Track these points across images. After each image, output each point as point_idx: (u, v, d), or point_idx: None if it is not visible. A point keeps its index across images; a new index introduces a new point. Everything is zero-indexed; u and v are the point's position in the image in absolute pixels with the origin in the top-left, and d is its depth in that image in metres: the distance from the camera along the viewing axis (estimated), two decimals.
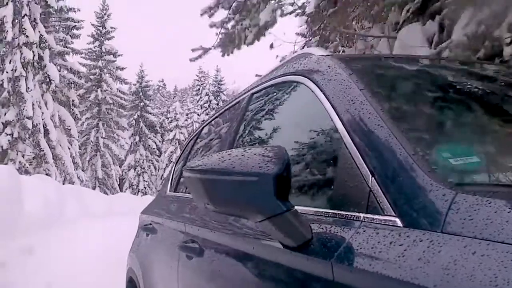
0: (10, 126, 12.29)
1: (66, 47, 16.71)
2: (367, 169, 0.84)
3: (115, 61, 24.93)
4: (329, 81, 1.09)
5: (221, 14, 4.03)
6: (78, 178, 16.95)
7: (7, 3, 12.93)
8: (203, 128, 2.31)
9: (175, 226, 1.87)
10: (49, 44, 14.00)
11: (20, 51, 13.28)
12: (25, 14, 13.29)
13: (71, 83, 15.98)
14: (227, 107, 1.94)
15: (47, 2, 13.67)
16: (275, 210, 0.81)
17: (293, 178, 0.86)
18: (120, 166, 25.95)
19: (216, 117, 2.10)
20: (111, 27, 25.48)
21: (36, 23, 13.71)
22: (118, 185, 25.20)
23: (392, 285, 0.66)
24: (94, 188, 20.80)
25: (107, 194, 18.76)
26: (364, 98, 0.97)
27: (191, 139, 2.42)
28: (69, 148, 15.95)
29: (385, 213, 0.76)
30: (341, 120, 0.97)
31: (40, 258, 3.91)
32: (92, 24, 24.07)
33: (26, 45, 13.18)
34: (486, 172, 0.87)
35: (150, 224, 2.34)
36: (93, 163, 22.95)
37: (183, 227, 1.73)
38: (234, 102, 1.83)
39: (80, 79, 16.86)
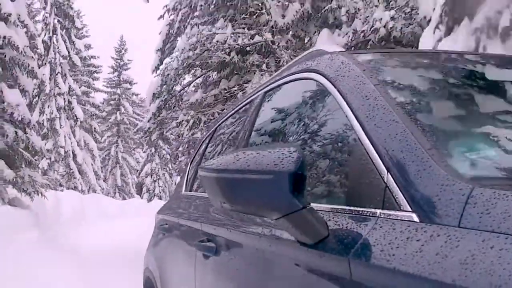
0: (48, 153, 16.56)
1: (89, 87, 22.28)
2: (383, 165, 0.83)
3: (131, 88, 29.34)
4: (342, 77, 1.08)
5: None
6: (100, 186, 21.45)
7: (45, 64, 17.24)
8: (217, 127, 2.28)
9: (191, 225, 1.86)
10: (75, 92, 18.94)
11: (55, 99, 18.07)
12: (58, 72, 18.06)
13: (93, 115, 21.20)
14: (240, 105, 1.92)
15: (74, 62, 18.90)
16: (291, 208, 0.80)
17: (308, 175, 0.86)
18: (139, 174, 29.25)
19: (230, 116, 2.08)
20: (128, 60, 29.59)
21: (66, 77, 18.56)
22: (138, 190, 28.41)
23: (410, 281, 0.65)
24: (114, 194, 25.74)
25: (125, 198, 24.05)
26: (378, 94, 0.96)
27: (205, 138, 2.40)
28: (92, 165, 20.60)
29: (402, 208, 0.76)
30: (355, 116, 0.96)
31: (71, 239, 7.71)
32: (112, 58, 28.70)
33: (59, 95, 18.08)
34: (503, 165, 0.86)
35: (166, 224, 2.33)
36: (113, 173, 26.99)
37: (199, 226, 1.72)
38: (247, 101, 1.81)
39: (100, 112, 22.77)
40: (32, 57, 8.51)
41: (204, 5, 6.91)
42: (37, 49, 9.81)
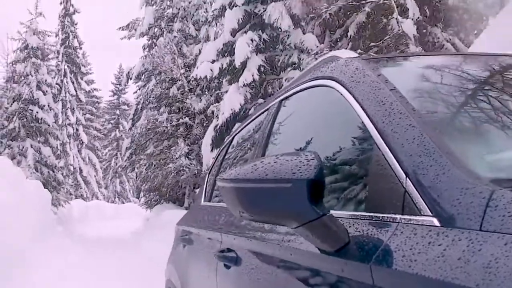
0: (61, 170, 19.43)
1: (92, 115, 26.71)
2: (401, 170, 0.82)
3: (128, 109, 32.70)
4: (357, 83, 1.07)
5: None
6: (101, 193, 26.66)
7: (58, 101, 21.16)
8: (234, 137, 2.28)
9: (211, 235, 1.85)
10: (81, 122, 23.78)
11: (66, 128, 22.53)
12: (68, 107, 22.89)
13: (95, 136, 26.21)
14: (256, 115, 1.92)
15: (80, 99, 23.47)
16: (311, 216, 0.79)
17: (327, 183, 0.85)
18: (137, 180, 31.86)
19: (246, 126, 2.08)
20: (125, 84, 33.40)
21: (74, 110, 23.38)
22: (137, 194, 31.40)
23: (432, 287, 0.65)
24: (114, 199, 30.66)
25: (124, 203, 29.18)
26: (394, 99, 0.95)
27: (223, 149, 2.40)
28: (95, 176, 25.34)
29: (422, 213, 0.75)
30: (372, 121, 0.95)
31: (80, 231, 12.45)
32: (112, 83, 33.20)
33: (69, 125, 22.88)
34: None
35: (186, 235, 2.32)
36: (113, 181, 31.35)
37: (219, 236, 1.71)
38: (263, 110, 1.80)
39: (101, 133, 28.04)
40: (57, 128, 15.65)
41: (154, 97, 12.70)
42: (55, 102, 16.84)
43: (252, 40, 8.12)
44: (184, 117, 11.81)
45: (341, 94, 1.11)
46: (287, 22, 7.62)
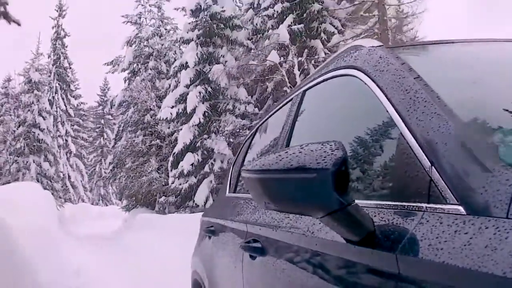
0: (54, 177, 21.68)
1: (80, 126, 29.59)
2: (426, 159, 0.81)
3: (112, 119, 34.50)
4: (381, 72, 1.06)
5: None
6: (87, 196, 29.53)
7: (50, 115, 22.87)
8: (258, 128, 2.28)
9: (236, 226, 1.84)
10: (70, 134, 26.60)
11: (57, 140, 24.60)
12: (59, 120, 25.36)
13: (82, 145, 29.10)
14: (280, 106, 1.91)
15: (69, 114, 26.21)
16: (336, 206, 0.79)
17: (351, 172, 0.85)
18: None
19: (270, 117, 2.07)
20: (110, 96, 35.89)
21: (64, 124, 26.09)
22: (120, 196, 34.18)
23: (459, 275, 0.64)
24: (98, 201, 33.94)
25: (107, 205, 32.41)
26: (418, 87, 0.94)
27: (247, 140, 2.40)
28: (81, 181, 27.97)
29: (448, 201, 0.74)
30: (396, 110, 0.95)
31: (71, 229, 14.00)
32: (98, 94, 36.51)
33: (59, 136, 25.21)
34: None
35: (212, 226, 2.32)
36: (98, 185, 34.28)
37: (244, 227, 1.70)
38: (286, 101, 1.79)
39: (87, 142, 31.42)
40: (53, 147, 19.53)
41: (132, 122, 15.57)
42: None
43: (200, 93, 12.06)
44: (156, 139, 15.19)
45: (365, 83, 1.10)
46: (225, 81, 11.56)
